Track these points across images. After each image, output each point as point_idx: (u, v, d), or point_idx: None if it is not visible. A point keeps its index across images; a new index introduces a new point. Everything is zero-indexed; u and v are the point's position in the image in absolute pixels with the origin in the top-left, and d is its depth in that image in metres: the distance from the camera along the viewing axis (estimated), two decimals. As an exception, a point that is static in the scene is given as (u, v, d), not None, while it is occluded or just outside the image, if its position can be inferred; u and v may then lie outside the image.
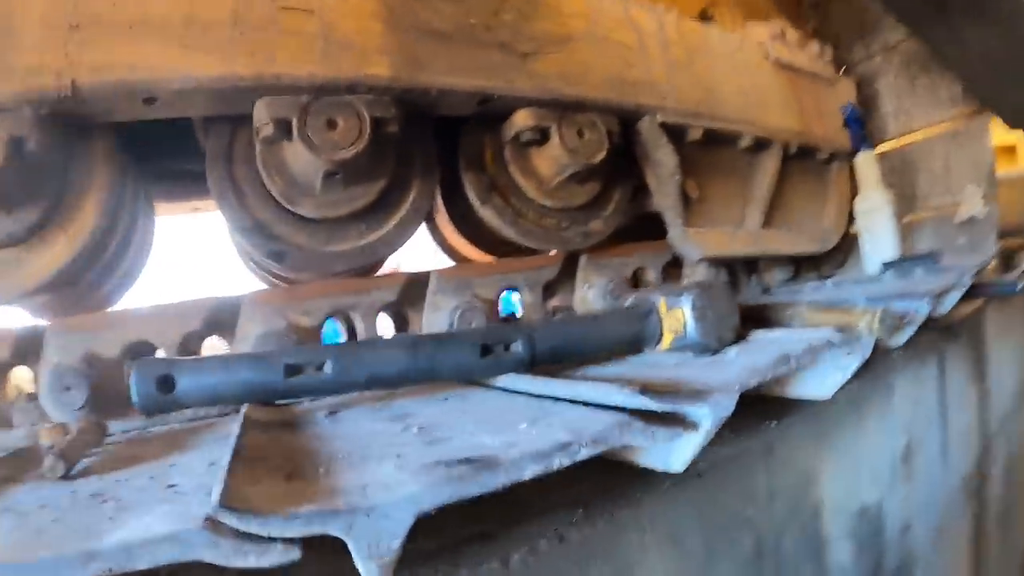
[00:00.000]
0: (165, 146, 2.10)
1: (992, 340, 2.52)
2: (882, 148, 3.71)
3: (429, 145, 2.14)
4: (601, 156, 2.24)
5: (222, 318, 1.93)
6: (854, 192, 3.50)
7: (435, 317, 2.08)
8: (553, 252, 2.44)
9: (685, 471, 1.13)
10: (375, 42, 1.87)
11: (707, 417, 1.08)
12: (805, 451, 1.48)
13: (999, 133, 3.77)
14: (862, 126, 3.30)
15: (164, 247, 2.88)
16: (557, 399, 1.32)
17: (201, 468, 1.17)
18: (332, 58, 1.80)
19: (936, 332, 2.09)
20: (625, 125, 2.43)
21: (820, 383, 1.41)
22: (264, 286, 2.87)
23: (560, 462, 0.95)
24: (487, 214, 2.22)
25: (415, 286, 2.11)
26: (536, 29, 2.19)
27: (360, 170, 1.90)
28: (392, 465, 0.99)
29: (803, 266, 3.37)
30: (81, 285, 2.12)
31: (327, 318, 2.01)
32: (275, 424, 1.48)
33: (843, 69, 3.84)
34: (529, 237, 2.28)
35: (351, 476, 0.96)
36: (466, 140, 2.25)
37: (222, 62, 1.66)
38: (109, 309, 2.32)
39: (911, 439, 1.79)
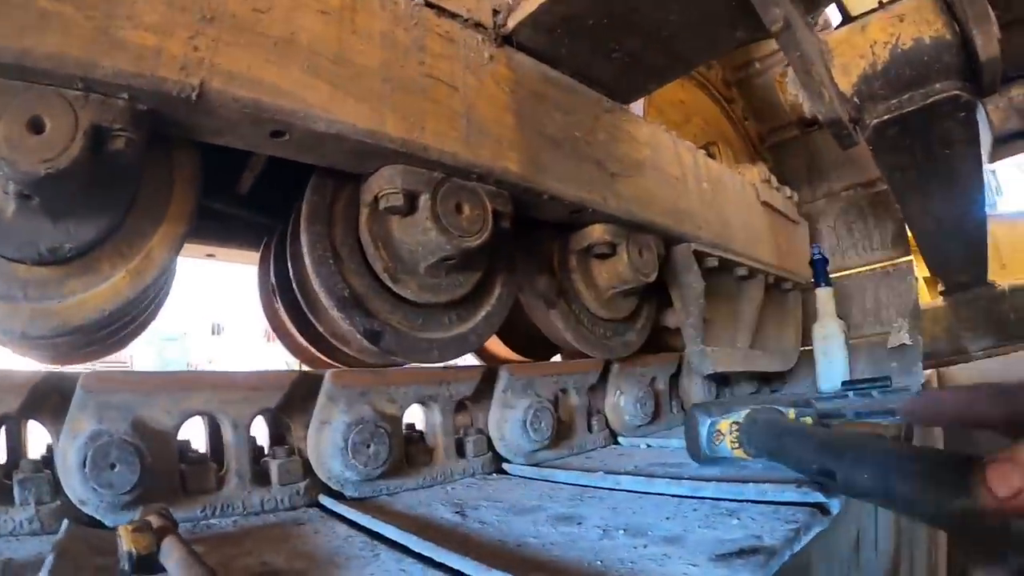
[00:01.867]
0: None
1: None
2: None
3: (511, 245, 2.17)
4: (655, 275, 2.42)
5: (299, 394, 1.70)
6: (804, 319, 3.84)
7: (507, 413, 2.10)
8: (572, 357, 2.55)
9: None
10: (508, 135, 1.87)
11: (836, 507, 1.31)
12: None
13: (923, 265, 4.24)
14: (825, 265, 3.64)
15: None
16: (709, 499, 1.50)
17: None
18: (473, 142, 1.77)
19: None
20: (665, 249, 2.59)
21: None
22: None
23: (800, 544, 1.16)
24: (552, 318, 2.31)
25: (485, 382, 2.11)
26: (620, 151, 2.32)
27: (465, 261, 1.87)
28: (679, 564, 1.08)
29: (761, 379, 3.66)
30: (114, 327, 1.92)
31: (409, 406, 1.92)
32: (421, 529, 1.40)
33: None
34: (584, 343, 2.38)
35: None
36: (532, 245, 2.33)
37: (373, 114, 1.54)
38: (169, 369, 2.15)
39: (860, 529, 1.89)
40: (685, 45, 2.23)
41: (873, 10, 2.08)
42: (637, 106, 3.19)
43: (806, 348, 3.81)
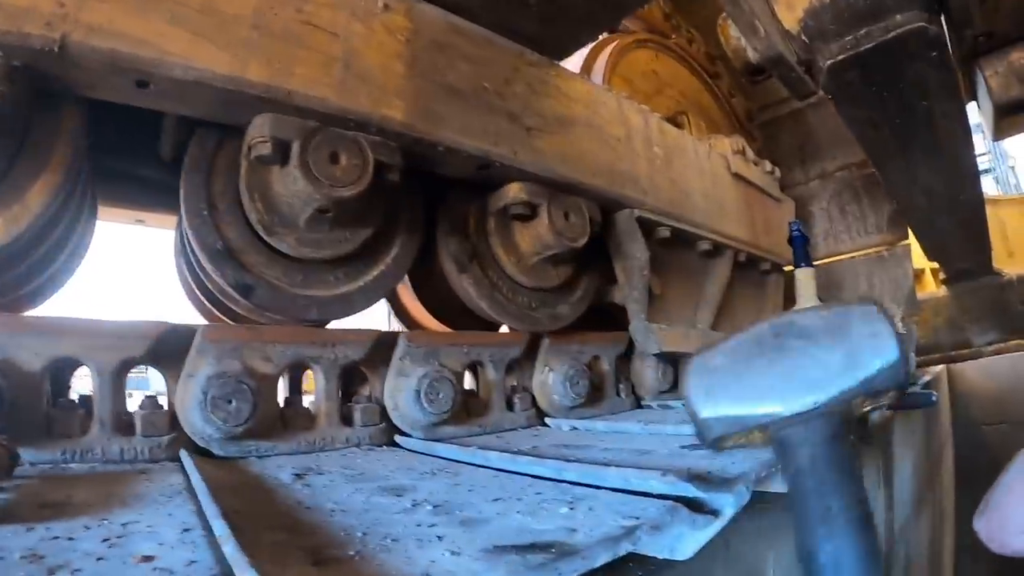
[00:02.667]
0: (121, 144, 1.85)
1: (897, 449, 2.61)
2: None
3: (417, 202, 2.03)
4: (583, 241, 2.20)
5: (169, 348, 1.61)
6: (785, 305, 3.59)
7: (401, 382, 1.90)
8: (507, 330, 2.35)
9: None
10: (394, 83, 1.75)
11: (730, 506, 1.05)
12: (754, 547, 1.41)
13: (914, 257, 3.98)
14: (805, 243, 3.35)
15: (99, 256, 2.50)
16: (568, 482, 1.26)
17: (172, 534, 0.96)
18: (350, 88, 1.66)
19: (855, 437, 2.11)
20: (604, 214, 2.39)
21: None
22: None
23: (625, 548, 0.88)
24: (464, 283, 2.11)
25: (381, 346, 1.92)
26: (543, 106, 2.14)
27: (351, 214, 1.75)
28: (442, 550, 0.88)
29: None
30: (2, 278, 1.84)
31: (287, 368, 1.79)
32: (241, 485, 1.32)
33: (782, 189, 3.93)
34: (502, 312, 2.17)
35: (397, 562, 0.84)
36: (449, 205, 2.14)
37: (234, 61, 1.48)
38: (35, 313, 2.00)
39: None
40: None
41: None
42: (597, 74, 3.02)
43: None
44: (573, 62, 3.08)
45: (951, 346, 4.87)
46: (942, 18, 1.78)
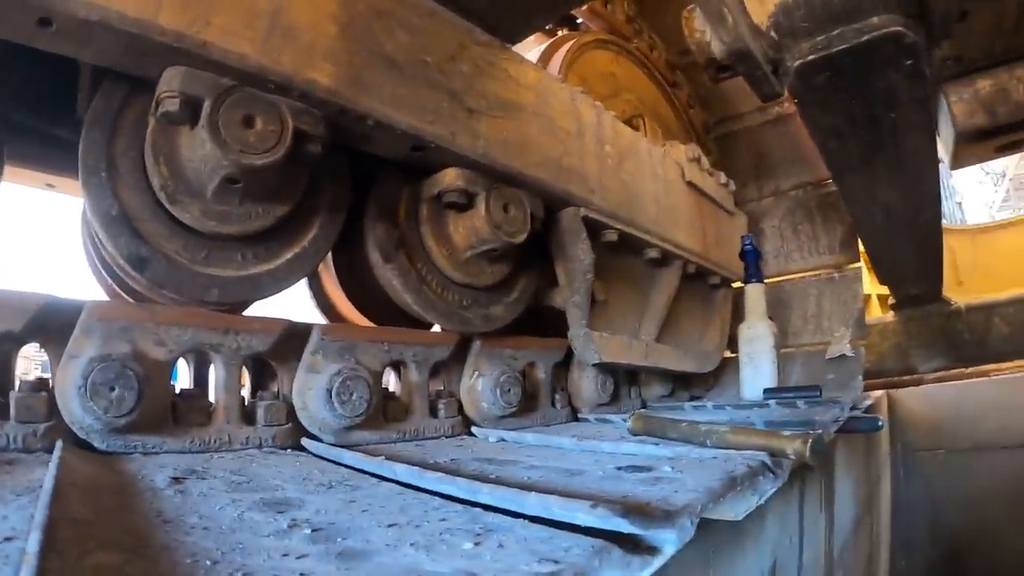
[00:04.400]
0: (34, 98, 1.68)
1: (839, 472, 2.58)
2: None
3: (344, 181, 1.82)
4: (523, 237, 2.02)
5: (52, 324, 1.42)
6: (734, 320, 3.46)
7: (312, 379, 1.69)
8: (439, 329, 2.15)
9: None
10: (325, 44, 1.55)
11: (672, 543, 0.88)
12: (693, 573, 1.24)
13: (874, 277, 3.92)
14: (757, 259, 3.22)
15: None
16: (481, 506, 1.05)
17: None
18: (273, 46, 1.46)
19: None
20: (548, 211, 2.22)
21: (734, 505, 1.21)
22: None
23: None
24: (388, 274, 1.90)
25: (293, 338, 1.71)
26: (488, 88, 1.96)
27: (265, 186, 1.55)
28: None
29: (678, 383, 3.24)
30: None
31: (183, 354, 1.58)
32: (103, 487, 1.12)
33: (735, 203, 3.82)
34: (428, 309, 1.97)
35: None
36: (380, 189, 1.93)
37: (146, 3, 1.28)
38: None
39: (776, 561, 1.67)
40: None
41: None
42: (553, 69, 2.85)
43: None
44: (529, 56, 2.91)
45: (897, 371, 4.84)
46: (921, 25, 1.66)
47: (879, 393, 4.40)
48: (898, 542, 4.54)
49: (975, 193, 19.50)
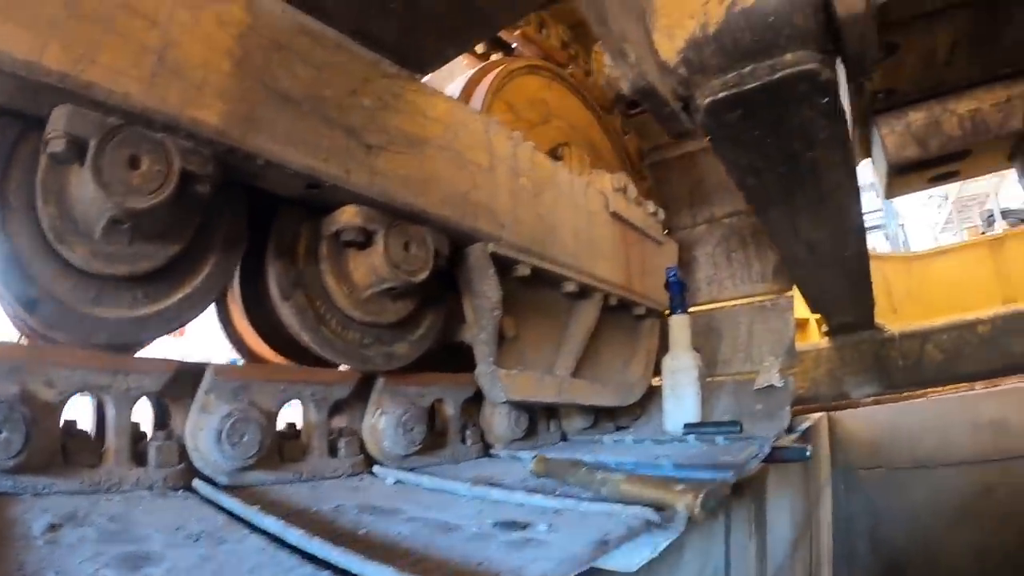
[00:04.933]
0: None
1: (771, 496, 2.63)
2: (692, 310, 3.77)
3: (239, 218, 1.84)
4: (424, 276, 2.06)
5: None
6: (660, 350, 3.50)
7: (203, 420, 1.70)
8: (346, 368, 2.16)
9: None
10: (215, 82, 1.57)
11: None
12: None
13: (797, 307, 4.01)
14: (682, 290, 3.29)
15: None
16: (332, 568, 1.08)
17: None
18: (159, 83, 1.47)
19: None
20: (455, 247, 2.26)
21: (627, 558, 1.26)
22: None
23: None
24: (286, 312, 1.93)
25: (186, 378, 1.72)
26: (391, 122, 1.99)
27: (154, 226, 1.57)
28: None
29: (601, 414, 3.27)
30: None
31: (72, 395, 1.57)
32: None
33: (666, 231, 3.90)
34: (327, 347, 2.00)
35: None
36: (280, 225, 1.96)
37: (33, 44, 1.30)
38: None
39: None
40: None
41: None
42: (478, 97, 2.87)
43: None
44: (457, 82, 2.94)
45: (830, 397, 4.98)
46: (838, 62, 1.68)
47: (819, 415, 4.52)
48: (840, 556, 4.67)
49: (919, 214, 20.02)
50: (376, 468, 2.07)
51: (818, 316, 5.03)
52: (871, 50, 1.63)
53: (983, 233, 15.07)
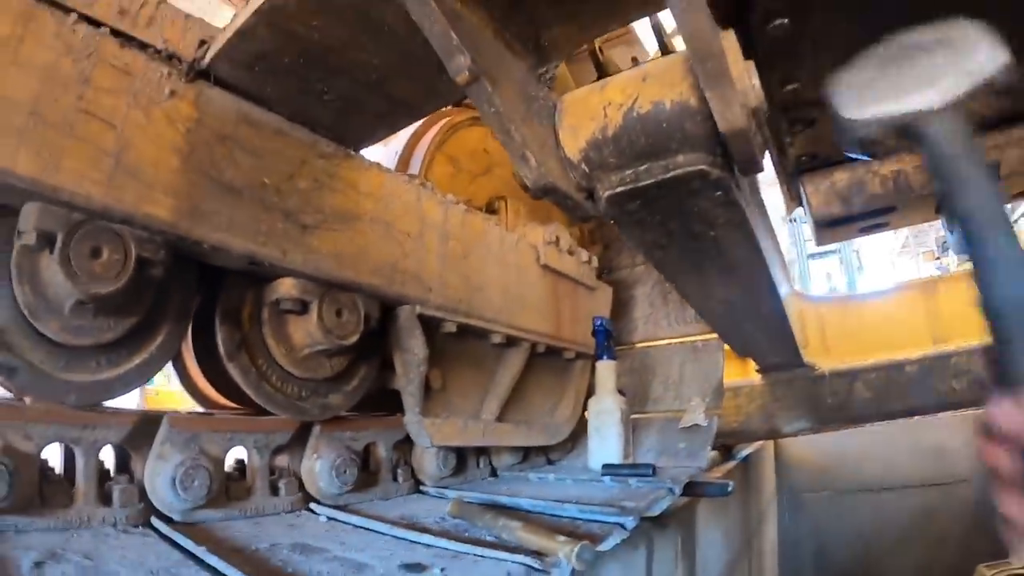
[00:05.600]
0: None
1: (701, 526, 2.91)
2: (627, 347, 4.06)
3: (189, 290, 2.17)
4: (354, 339, 2.39)
5: None
6: (591, 389, 3.79)
7: (160, 466, 2.03)
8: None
9: None
10: (164, 178, 1.85)
11: None
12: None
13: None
14: (607, 337, 3.64)
15: None
16: None
17: None
18: (116, 184, 1.74)
19: (647, 521, 2.39)
20: (385, 309, 2.58)
21: None
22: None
23: None
24: (232, 370, 2.26)
25: (145, 428, 2.04)
26: (325, 202, 2.29)
27: (114, 304, 1.87)
28: None
29: (532, 449, 3.59)
30: None
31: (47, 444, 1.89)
32: None
33: (607, 271, 4.15)
34: (268, 401, 2.33)
35: None
36: (227, 292, 2.28)
37: (4, 151, 1.55)
38: None
39: None
40: (403, 91, 2.20)
41: (623, 71, 1.91)
42: (419, 153, 3.16)
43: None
44: (402, 136, 3.22)
45: (762, 432, 5.23)
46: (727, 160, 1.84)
47: (763, 442, 4.81)
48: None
49: (874, 240, 20.30)
50: (313, 505, 2.41)
51: (750, 354, 5.29)
52: (756, 153, 1.73)
53: (938, 258, 15.38)
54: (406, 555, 1.84)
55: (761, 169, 1.86)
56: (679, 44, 1.63)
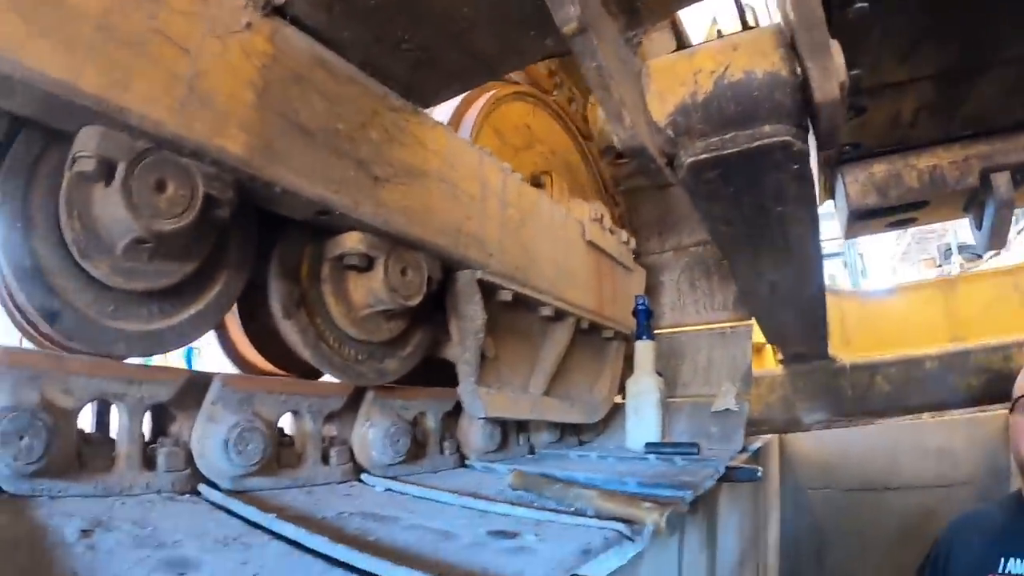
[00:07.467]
0: None
1: (722, 514, 2.81)
2: (655, 333, 3.95)
3: (249, 238, 1.96)
4: (418, 300, 2.22)
5: None
6: (625, 371, 3.69)
7: (210, 428, 1.81)
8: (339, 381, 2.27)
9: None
10: (239, 112, 1.66)
11: None
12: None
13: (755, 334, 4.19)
14: (648, 317, 3.49)
15: None
16: (358, 571, 1.22)
17: None
18: (189, 112, 1.55)
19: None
20: (445, 272, 2.41)
21: (598, 566, 1.40)
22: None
23: None
24: (288, 329, 2.06)
25: (194, 387, 1.82)
26: (396, 155, 2.12)
27: (173, 246, 1.67)
28: None
29: (566, 429, 3.44)
30: None
31: (88, 402, 1.67)
32: (18, 540, 1.23)
33: (635, 256, 4.08)
34: (325, 363, 2.14)
35: None
36: (285, 246, 2.08)
37: (70, 64, 1.34)
38: None
39: None
40: (485, 46, 2.06)
41: (709, 41, 1.89)
42: (468, 122, 3.01)
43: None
44: (449, 105, 3.07)
45: (782, 422, 5.16)
46: (810, 134, 1.83)
47: (771, 436, 4.73)
48: (787, 573, 4.85)
49: (877, 245, 20.56)
50: (365, 476, 2.21)
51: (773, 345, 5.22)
52: (842, 127, 1.77)
53: (939, 265, 15.48)
54: (485, 524, 1.65)
55: (840, 143, 1.86)
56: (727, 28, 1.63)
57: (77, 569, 1.12)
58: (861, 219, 3.73)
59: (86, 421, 1.93)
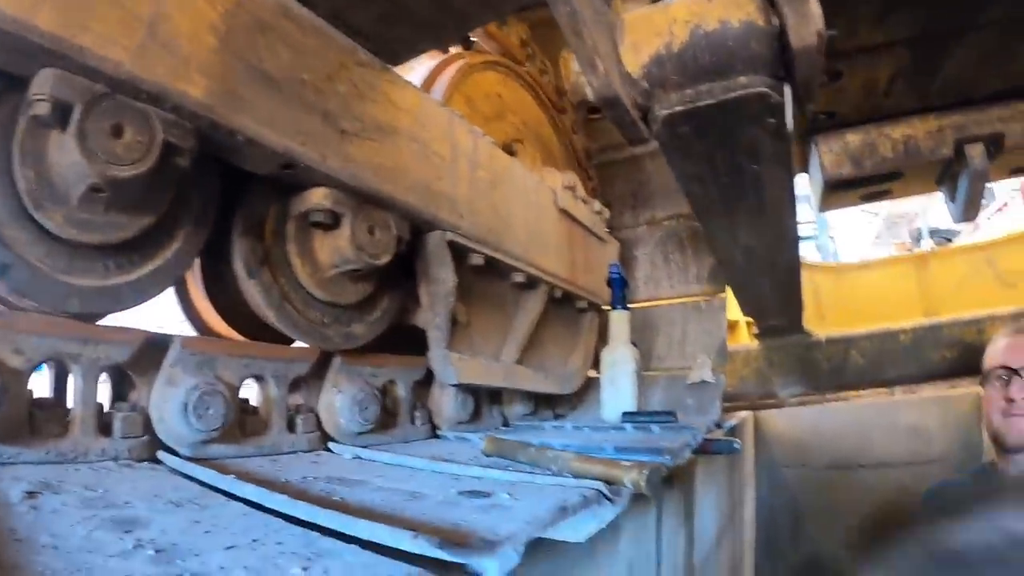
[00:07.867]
0: None
1: (699, 488, 2.76)
2: (630, 307, 3.92)
3: (211, 194, 1.87)
4: (386, 259, 2.12)
5: None
6: (599, 344, 3.63)
7: (169, 392, 1.72)
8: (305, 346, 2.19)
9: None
10: (201, 56, 1.57)
11: (494, 571, 0.97)
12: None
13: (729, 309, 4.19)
14: (623, 286, 3.43)
15: None
16: (320, 529, 1.14)
17: None
18: (149, 55, 1.47)
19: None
20: (415, 233, 2.33)
21: (576, 528, 1.35)
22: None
23: None
24: (252, 288, 1.97)
25: (152, 349, 1.73)
26: (365, 111, 2.04)
27: (130, 196, 1.58)
28: None
29: (540, 402, 3.38)
30: None
31: (41, 363, 1.57)
32: None
33: (608, 230, 4.04)
34: (289, 325, 2.05)
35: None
36: (248, 203, 1.98)
37: (22, 3, 1.26)
38: None
39: (633, 574, 1.81)
40: None
41: None
42: (439, 89, 2.93)
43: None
44: (418, 72, 3.00)
45: (757, 395, 5.20)
46: (786, 87, 1.76)
47: (746, 414, 4.73)
48: (763, 549, 4.87)
49: (850, 228, 20.69)
50: (332, 444, 2.13)
51: (748, 319, 5.21)
52: (818, 78, 1.71)
53: (910, 249, 15.73)
54: (459, 485, 1.58)
55: (814, 98, 1.81)
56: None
57: (17, 528, 1.04)
58: (835, 189, 3.72)
59: (43, 389, 1.87)
